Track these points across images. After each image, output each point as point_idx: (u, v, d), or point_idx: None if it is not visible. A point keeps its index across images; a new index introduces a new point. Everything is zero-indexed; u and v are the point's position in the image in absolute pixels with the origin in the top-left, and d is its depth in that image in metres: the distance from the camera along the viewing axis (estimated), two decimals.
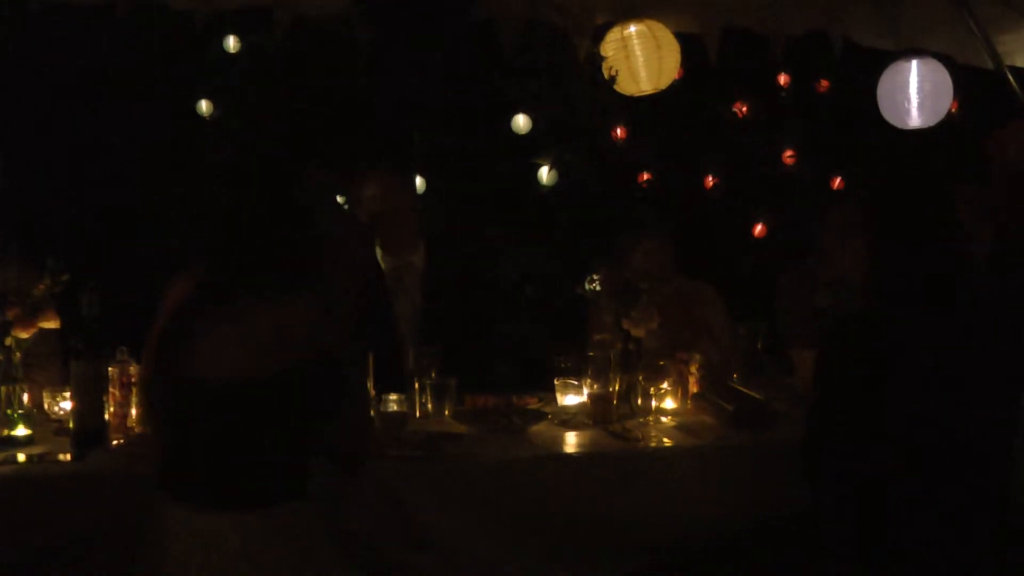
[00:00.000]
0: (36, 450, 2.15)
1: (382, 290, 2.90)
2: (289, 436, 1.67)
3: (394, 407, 2.40)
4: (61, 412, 2.37)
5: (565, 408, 2.49)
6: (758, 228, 4.31)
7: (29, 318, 2.27)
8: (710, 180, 4.31)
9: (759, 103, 4.46)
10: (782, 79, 4.45)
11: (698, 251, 3.54)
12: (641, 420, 2.45)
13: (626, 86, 3.37)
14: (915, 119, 3.42)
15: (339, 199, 3.34)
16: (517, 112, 3.91)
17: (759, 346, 2.70)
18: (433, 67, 3.83)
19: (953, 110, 3.81)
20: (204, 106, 3.93)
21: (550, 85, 3.88)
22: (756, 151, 4.44)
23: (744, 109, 4.46)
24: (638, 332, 2.54)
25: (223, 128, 3.83)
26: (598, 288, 2.60)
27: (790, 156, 4.46)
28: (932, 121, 3.43)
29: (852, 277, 2.86)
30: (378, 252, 2.99)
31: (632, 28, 3.27)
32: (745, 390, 2.50)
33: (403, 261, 3.00)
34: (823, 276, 2.82)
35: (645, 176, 4.18)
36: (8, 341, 2.26)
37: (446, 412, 2.49)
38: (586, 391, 2.46)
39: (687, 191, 4.27)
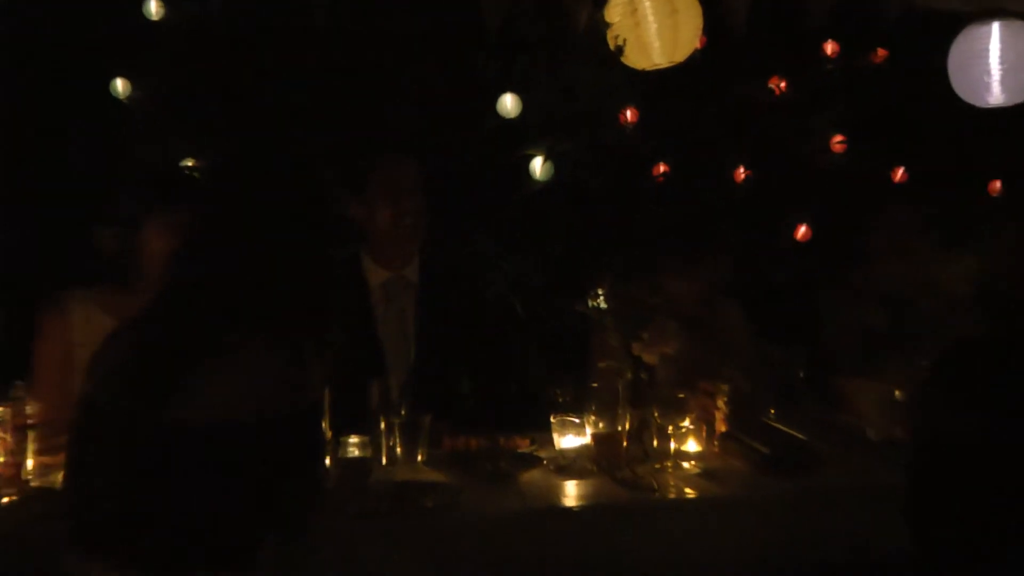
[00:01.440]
0: None
1: (365, 310, 2.99)
2: (247, 493, 1.72)
3: (355, 451, 2.45)
4: None
5: (564, 451, 2.55)
6: (800, 231, 4.35)
7: None
8: (740, 172, 4.36)
9: (800, 78, 4.52)
10: (828, 48, 4.51)
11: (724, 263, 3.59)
12: (657, 466, 2.51)
13: (636, 59, 3.42)
14: (996, 95, 3.35)
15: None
16: (503, 92, 3.96)
17: (799, 374, 2.76)
18: (403, 40, 3.91)
19: None
20: (120, 86, 3.97)
21: (543, 60, 3.95)
22: (796, 137, 4.49)
23: (782, 85, 4.50)
24: (651, 358, 2.61)
25: (147, 115, 3.88)
26: (602, 304, 2.66)
27: (839, 143, 4.51)
28: (1018, 98, 3.35)
29: (911, 290, 2.94)
30: (365, 261, 3.08)
31: None
32: (783, 428, 2.57)
33: (395, 273, 3.09)
34: (875, 289, 2.88)
35: (661, 168, 4.23)
36: None
37: (419, 457, 2.54)
38: (589, 430, 2.52)
39: (712, 186, 4.33)
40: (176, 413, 1.70)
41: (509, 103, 3.95)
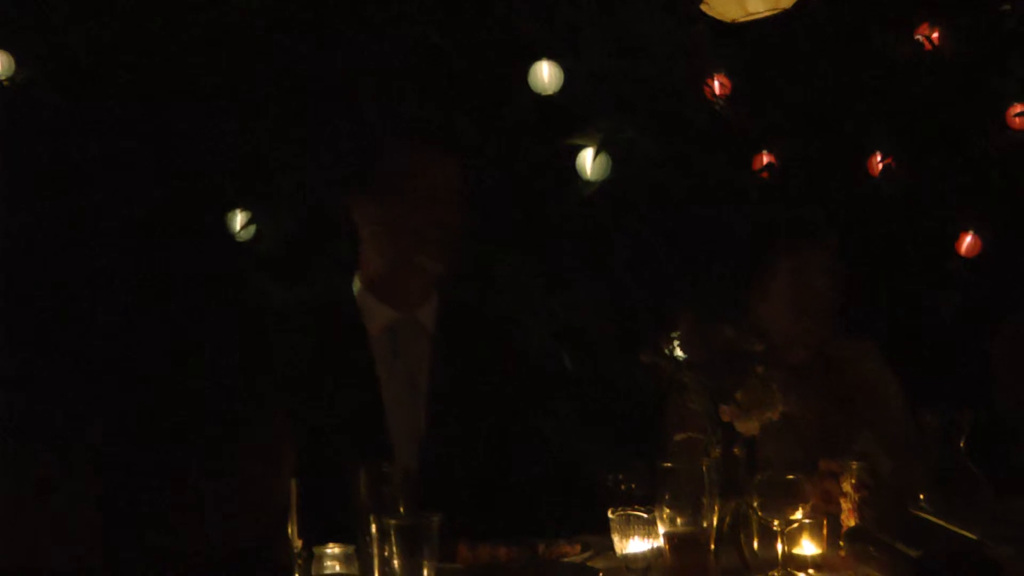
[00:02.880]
0: None
1: (360, 365, 3.03)
2: None
3: (336, 567, 2.47)
4: None
5: (628, 559, 2.53)
6: (965, 242, 4.35)
7: None
8: (877, 161, 4.37)
9: (960, 30, 4.52)
10: None
11: (855, 285, 3.59)
12: None
13: (724, 8, 3.45)
14: None
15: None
16: (539, 59, 3.99)
17: (962, 445, 2.74)
18: None
19: None
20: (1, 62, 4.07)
21: (593, 11, 3.99)
22: (957, 110, 4.49)
23: (934, 37, 4.52)
24: (749, 427, 2.60)
25: (36, 101, 3.97)
26: (679, 355, 2.67)
27: (1018, 115, 4.50)
28: None
29: None
30: (362, 297, 3.12)
31: None
32: (942, 523, 2.55)
33: (404, 316, 3.13)
34: None
35: (764, 159, 4.24)
36: None
37: (425, 574, 2.55)
38: (662, 529, 2.51)
39: (838, 181, 4.33)
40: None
41: (547, 74, 3.99)
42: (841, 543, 2.60)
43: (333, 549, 2.48)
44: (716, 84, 4.13)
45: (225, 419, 1.80)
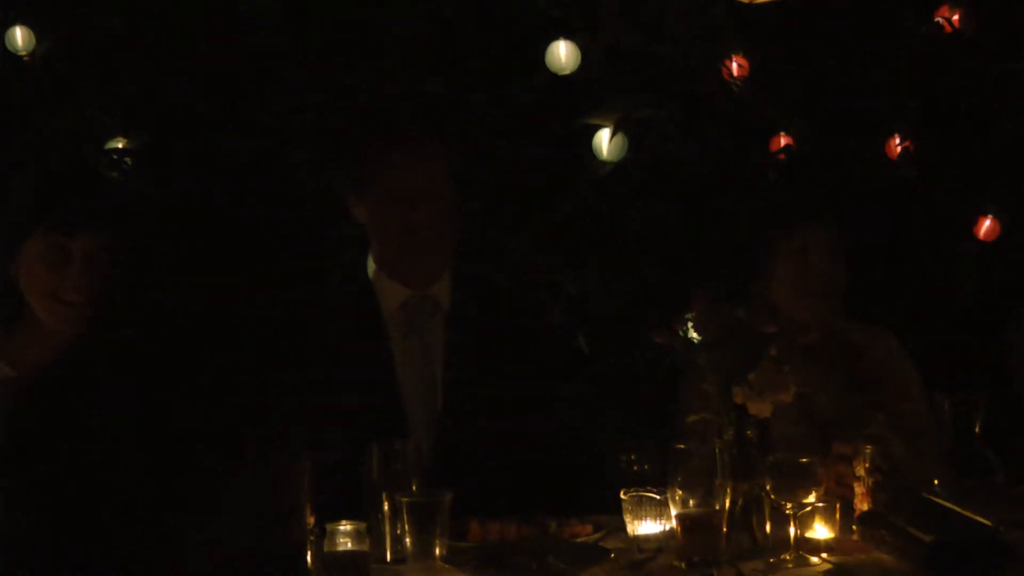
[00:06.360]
0: None
1: (374, 342, 3.04)
2: None
3: (348, 543, 2.48)
4: None
5: (640, 541, 2.55)
6: (984, 226, 4.33)
7: None
8: (895, 144, 4.35)
9: (981, 11, 4.50)
10: None
11: (872, 268, 3.59)
12: (771, 560, 2.50)
13: None
14: None
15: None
16: (555, 38, 3.98)
17: (977, 431, 2.74)
18: None
19: None
20: (20, 36, 4.07)
21: None
22: (977, 91, 4.47)
23: (955, 19, 4.50)
24: (761, 409, 2.60)
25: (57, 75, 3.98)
26: (693, 336, 2.67)
27: None
28: None
29: None
30: (376, 275, 3.13)
31: None
32: (954, 507, 2.55)
33: (417, 293, 3.15)
34: None
35: (782, 140, 4.23)
36: None
37: (436, 551, 2.57)
38: (675, 511, 2.52)
39: (856, 164, 4.32)
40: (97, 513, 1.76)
41: (564, 53, 3.98)
42: (854, 527, 2.60)
43: (346, 526, 2.49)
44: (734, 65, 4.11)
45: (241, 407, 1.82)
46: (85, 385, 1.83)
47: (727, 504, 2.52)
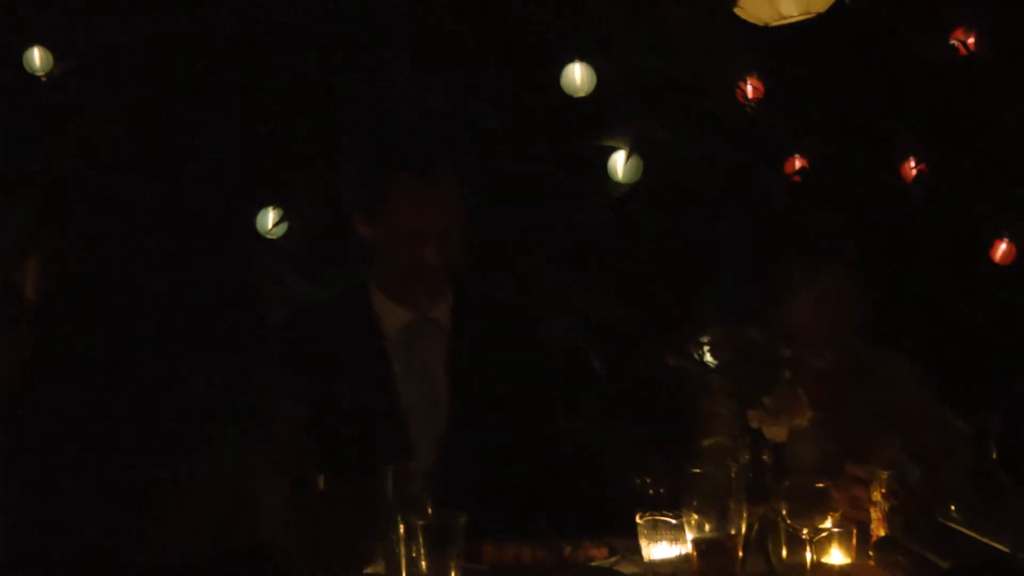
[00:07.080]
0: None
1: (376, 366, 3.03)
2: None
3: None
4: None
5: (655, 564, 2.55)
6: (1000, 250, 4.33)
7: None
8: (911, 167, 4.36)
9: (995, 34, 4.50)
10: None
11: (888, 292, 3.57)
12: None
13: (758, 10, 3.44)
14: None
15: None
16: (570, 60, 3.99)
17: (994, 455, 2.73)
18: None
19: None
20: (37, 57, 4.10)
21: (626, 11, 3.98)
22: (992, 115, 4.47)
23: (970, 42, 4.50)
24: (777, 433, 2.60)
25: (72, 95, 4.00)
26: (709, 359, 2.67)
27: None
28: None
29: None
30: (377, 298, 3.13)
31: None
32: (973, 533, 2.54)
33: (421, 315, 3.15)
34: None
35: (796, 163, 4.24)
36: None
37: (451, 574, 2.56)
38: (690, 535, 2.51)
39: (870, 187, 4.32)
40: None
41: (579, 75, 3.99)
42: (871, 552, 2.59)
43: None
44: (749, 87, 4.12)
45: (229, 420, 1.83)
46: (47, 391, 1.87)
47: (743, 528, 2.51)
